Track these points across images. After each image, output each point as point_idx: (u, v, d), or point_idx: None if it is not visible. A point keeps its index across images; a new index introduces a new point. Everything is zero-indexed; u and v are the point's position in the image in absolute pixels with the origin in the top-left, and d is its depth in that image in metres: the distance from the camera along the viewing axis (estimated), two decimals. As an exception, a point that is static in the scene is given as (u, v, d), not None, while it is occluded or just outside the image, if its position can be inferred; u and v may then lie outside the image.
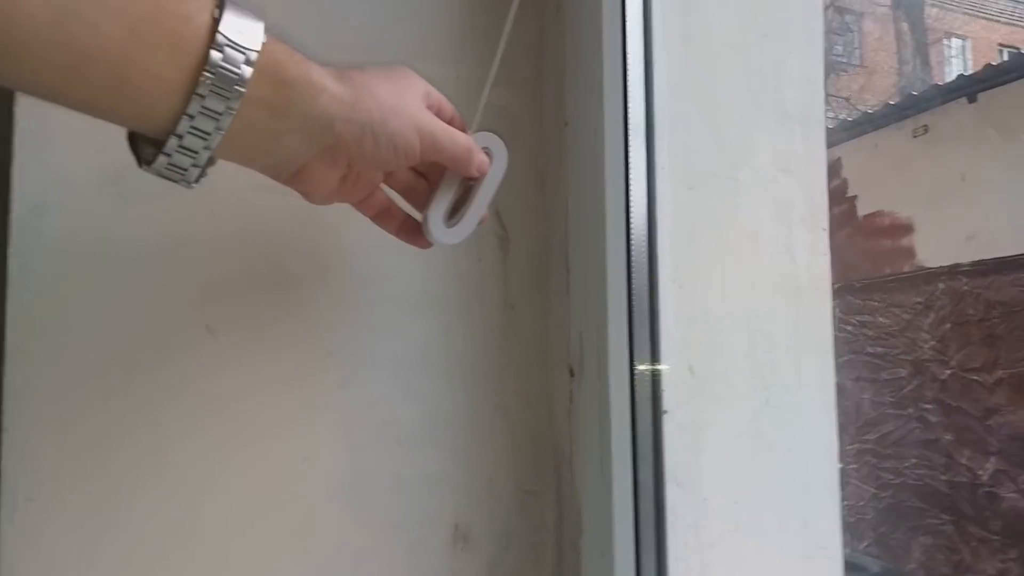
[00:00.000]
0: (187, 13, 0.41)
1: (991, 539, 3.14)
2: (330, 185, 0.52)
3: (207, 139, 0.43)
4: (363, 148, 0.49)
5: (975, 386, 3.25)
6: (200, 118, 0.42)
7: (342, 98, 0.47)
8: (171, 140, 0.42)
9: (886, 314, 3.68)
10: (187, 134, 0.42)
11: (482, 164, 0.57)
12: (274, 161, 0.48)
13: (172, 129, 0.42)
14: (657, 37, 0.68)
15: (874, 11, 12.10)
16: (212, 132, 0.42)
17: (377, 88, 0.49)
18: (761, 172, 0.71)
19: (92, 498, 0.62)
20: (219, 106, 0.42)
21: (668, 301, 0.66)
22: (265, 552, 0.66)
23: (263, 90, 0.43)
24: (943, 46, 12.65)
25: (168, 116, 0.42)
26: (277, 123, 0.45)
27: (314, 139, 0.47)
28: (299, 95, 0.45)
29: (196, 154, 0.43)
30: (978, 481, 3.19)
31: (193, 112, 0.41)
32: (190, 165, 0.44)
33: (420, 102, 0.52)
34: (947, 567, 3.31)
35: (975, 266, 3.35)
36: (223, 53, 0.41)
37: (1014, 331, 3.13)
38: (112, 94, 0.40)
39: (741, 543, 0.67)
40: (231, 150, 0.45)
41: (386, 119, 0.49)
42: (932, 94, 6.13)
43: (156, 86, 0.40)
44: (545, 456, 0.76)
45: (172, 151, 0.43)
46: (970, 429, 3.25)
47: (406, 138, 0.50)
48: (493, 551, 0.73)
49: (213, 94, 0.41)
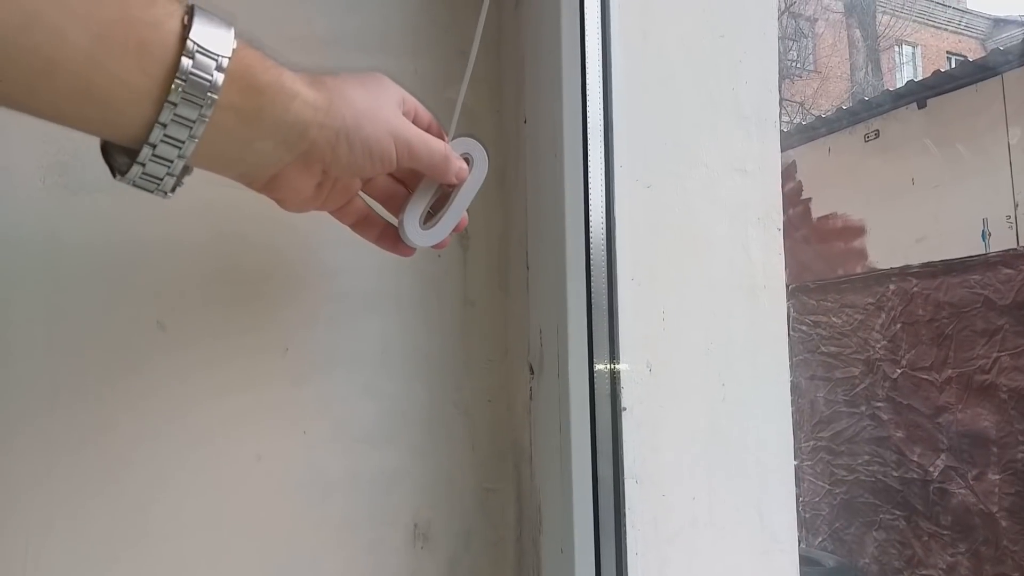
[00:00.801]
0: (155, 19, 0.40)
1: (941, 534, 3.21)
2: (305, 192, 0.51)
3: (181, 147, 0.42)
4: (338, 154, 0.48)
5: (925, 385, 3.32)
6: (173, 126, 0.41)
7: (315, 103, 0.46)
8: (144, 149, 0.42)
9: (839, 314, 3.74)
10: (160, 143, 0.41)
11: (460, 171, 0.56)
12: (248, 168, 0.48)
13: (145, 138, 0.41)
14: (615, 35, 0.68)
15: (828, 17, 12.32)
16: (186, 140, 0.42)
17: (351, 93, 0.49)
18: (717, 171, 0.72)
19: (40, 500, 0.60)
20: (191, 113, 0.41)
21: (627, 299, 0.66)
22: (220, 553, 0.65)
23: (235, 96, 0.42)
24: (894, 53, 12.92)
25: (140, 125, 0.41)
26: (250, 130, 0.44)
27: (288, 145, 0.46)
28: (271, 101, 0.44)
29: (171, 163, 0.43)
30: (929, 477, 3.26)
31: (165, 120, 0.41)
32: (165, 174, 0.43)
33: (395, 108, 0.52)
34: (899, 561, 3.37)
35: (924, 268, 3.42)
36: (194, 59, 0.40)
37: (962, 331, 3.20)
38: (80, 102, 0.39)
39: (698, 538, 0.68)
40: (205, 158, 0.45)
41: (360, 124, 0.48)
42: (883, 99, 6.27)
43: (126, 93, 0.40)
44: (505, 453, 0.76)
45: (146, 160, 0.42)
46: (920, 427, 3.32)
47: (381, 144, 0.50)
48: (453, 549, 0.73)
49: (185, 102, 0.40)
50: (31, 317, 0.61)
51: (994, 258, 3.16)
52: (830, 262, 5.95)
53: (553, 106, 0.68)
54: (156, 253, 0.65)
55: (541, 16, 0.71)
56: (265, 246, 0.68)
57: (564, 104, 0.67)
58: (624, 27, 0.69)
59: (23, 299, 0.61)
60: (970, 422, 3.12)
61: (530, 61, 0.73)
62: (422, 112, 0.56)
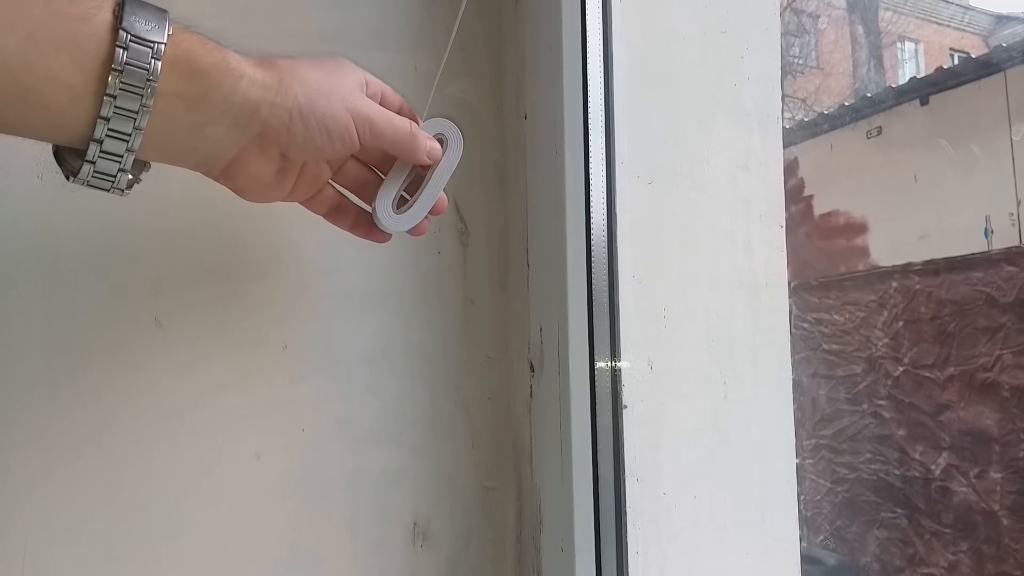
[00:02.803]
0: (83, 14, 0.39)
1: (943, 532, 3.20)
2: (265, 178, 0.50)
3: (128, 140, 0.42)
4: (293, 133, 0.47)
5: (927, 383, 3.31)
6: (116, 119, 0.41)
7: (264, 82, 0.45)
8: (91, 146, 0.41)
9: (841, 312, 3.74)
10: (106, 138, 0.41)
11: (432, 150, 0.55)
12: (202, 156, 0.47)
13: (90, 135, 0.41)
14: (616, 31, 0.67)
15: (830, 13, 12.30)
16: (131, 132, 0.41)
17: (303, 72, 0.48)
18: (719, 168, 0.72)
19: (38, 499, 0.60)
20: (133, 104, 0.40)
21: (628, 296, 0.66)
22: (219, 552, 0.65)
23: (177, 83, 0.42)
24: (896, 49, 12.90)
25: (83, 122, 0.41)
26: (197, 115, 0.44)
27: (240, 127, 0.46)
28: (216, 83, 0.44)
29: (120, 158, 0.42)
30: (931, 475, 3.26)
31: (107, 114, 0.40)
32: (117, 170, 0.43)
33: (354, 87, 0.51)
34: (901, 559, 3.37)
35: (927, 265, 3.41)
36: (128, 49, 0.39)
37: (965, 329, 3.19)
38: (19, 106, 0.39)
39: (700, 537, 0.67)
40: (155, 149, 0.44)
41: (314, 101, 0.47)
42: (886, 96, 6.26)
43: (63, 92, 0.39)
44: (505, 452, 0.75)
45: (95, 158, 0.42)
46: (922, 425, 3.32)
47: (337, 120, 0.49)
48: (453, 548, 0.73)
49: (124, 93, 0.40)
50: (28, 314, 0.61)
51: (997, 256, 3.15)
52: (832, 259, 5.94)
53: (554, 102, 0.68)
54: (154, 250, 0.64)
55: (542, 11, 0.71)
56: (263, 243, 0.68)
57: (565, 100, 0.67)
58: (625, 22, 0.68)
59: (20, 296, 0.61)
60: (972, 420, 3.12)
61: (531, 56, 0.73)
62: (390, 95, 0.55)
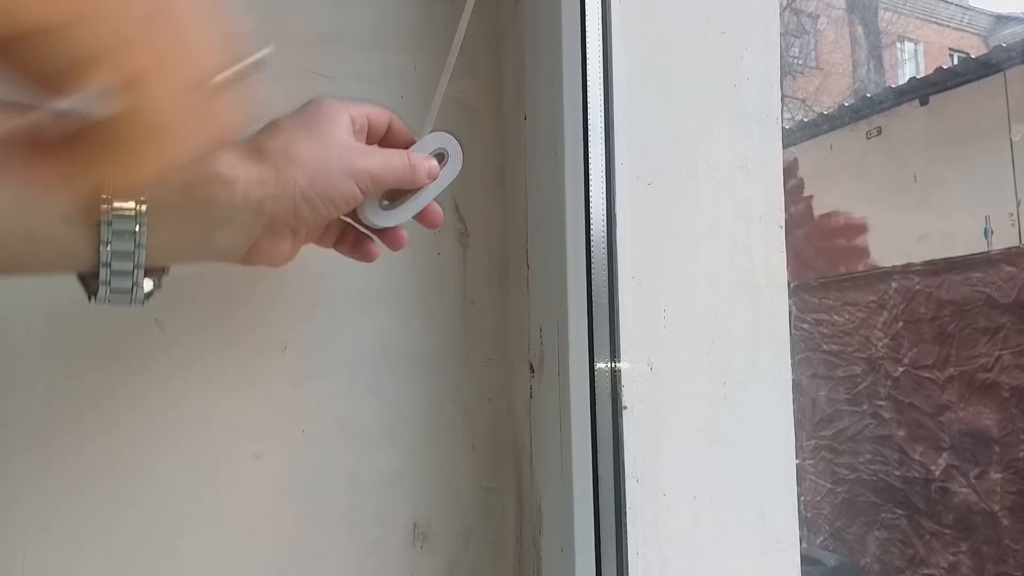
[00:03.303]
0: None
1: (943, 532, 3.20)
2: (284, 251, 0.51)
3: (132, 258, 0.43)
4: (300, 215, 0.48)
5: (927, 383, 3.32)
6: (117, 241, 0.42)
7: (260, 178, 0.46)
8: (102, 270, 0.43)
9: (841, 312, 3.74)
10: (113, 260, 0.43)
11: (431, 170, 0.55)
12: (219, 255, 0.48)
13: (97, 260, 0.43)
14: (616, 31, 0.67)
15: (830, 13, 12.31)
16: (134, 250, 0.43)
17: (296, 150, 0.48)
18: (719, 168, 0.72)
19: (37, 499, 0.60)
20: (130, 226, 0.42)
21: (627, 297, 0.66)
22: (218, 553, 0.65)
23: (170, 197, 0.43)
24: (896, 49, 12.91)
25: (89, 249, 0.42)
26: (201, 224, 0.45)
27: (247, 226, 0.47)
28: (212, 195, 0.44)
29: (130, 274, 0.44)
30: (931, 476, 3.26)
31: (107, 238, 0.42)
32: (131, 285, 0.44)
33: (346, 141, 0.50)
34: (901, 560, 3.37)
35: (927, 265, 3.41)
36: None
37: (964, 330, 3.20)
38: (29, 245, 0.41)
39: (700, 538, 0.67)
40: (168, 257, 0.46)
41: (315, 180, 0.48)
42: (885, 96, 6.26)
43: (65, 227, 0.41)
44: (505, 453, 0.75)
45: (108, 279, 0.43)
46: (922, 425, 3.32)
47: (340, 189, 0.49)
48: (453, 549, 0.73)
49: (118, 218, 0.41)
50: (28, 315, 0.61)
51: (996, 256, 3.15)
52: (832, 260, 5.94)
53: (553, 103, 0.68)
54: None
55: (542, 11, 0.71)
56: (263, 244, 0.68)
57: (564, 101, 0.67)
58: (625, 23, 0.68)
59: (20, 297, 0.61)
60: (972, 421, 3.12)
61: (530, 57, 0.73)
62: (377, 116, 0.55)
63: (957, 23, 13.64)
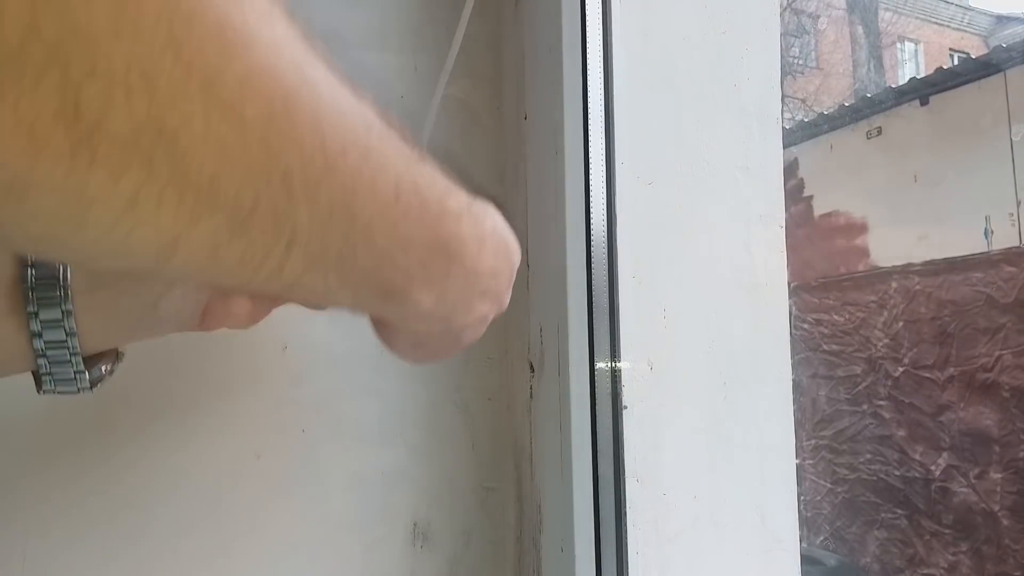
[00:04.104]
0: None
1: (943, 532, 3.21)
2: (243, 310, 0.47)
3: (65, 346, 0.41)
4: None
5: (927, 383, 3.32)
6: (48, 331, 0.40)
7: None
8: (40, 362, 0.41)
9: (841, 312, 3.74)
10: (48, 350, 0.40)
11: None
12: (171, 324, 0.45)
13: (33, 352, 0.41)
14: (616, 31, 0.67)
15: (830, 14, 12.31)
16: (66, 339, 0.40)
17: None
18: (719, 168, 0.72)
19: (37, 500, 0.60)
20: (54, 314, 0.40)
21: (628, 297, 0.66)
22: (219, 553, 0.65)
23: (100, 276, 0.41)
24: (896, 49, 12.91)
25: (21, 343, 0.40)
26: (140, 299, 0.43)
27: (193, 292, 0.44)
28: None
29: (68, 363, 0.41)
30: (930, 476, 3.26)
31: (37, 329, 0.40)
32: (73, 374, 0.42)
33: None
34: (901, 560, 3.37)
35: (927, 265, 3.42)
36: (35, 267, 0.39)
37: (964, 329, 3.20)
38: None
39: (700, 538, 0.67)
40: (109, 339, 0.44)
41: None
42: (885, 96, 6.26)
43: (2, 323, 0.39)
44: (505, 452, 0.75)
45: (49, 370, 0.41)
46: (922, 425, 3.32)
47: None
48: (453, 548, 0.73)
49: (43, 306, 0.39)
50: (28, 315, 0.61)
51: (996, 256, 3.16)
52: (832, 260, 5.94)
53: (554, 102, 0.68)
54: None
55: (542, 11, 0.71)
56: (264, 244, 0.68)
57: (565, 100, 0.67)
58: (625, 23, 0.68)
59: (20, 297, 0.61)
60: (972, 420, 3.12)
61: (530, 57, 0.73)
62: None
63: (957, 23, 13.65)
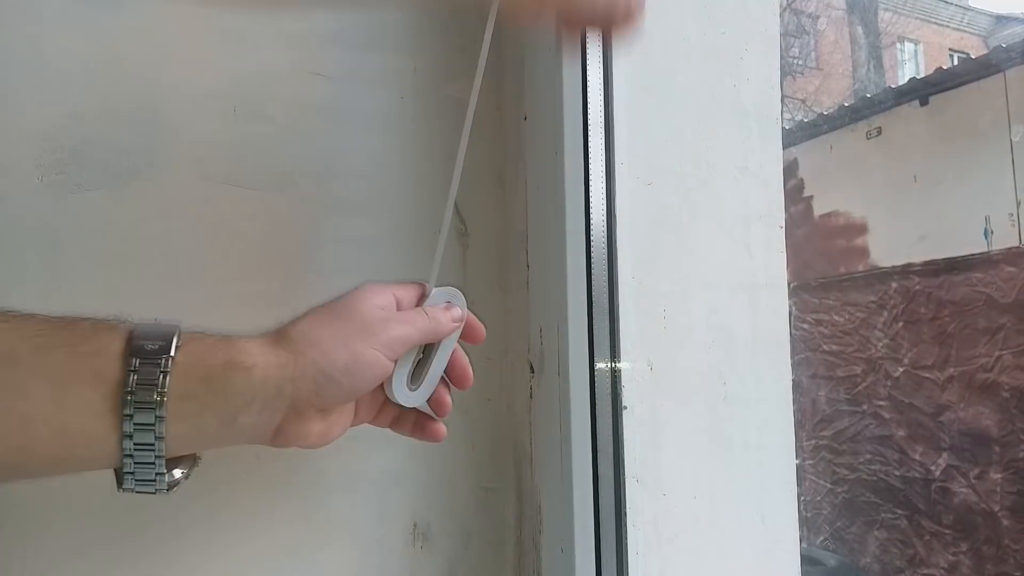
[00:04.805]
0: (97, 348, 0.44)
1: (943, 533, 3.20)
2: (315, 431, 0.51)
3: (153, 449, 0.44)
4: (324, 394, 0.49)
5: (927, 383, 3.32)
6: (139, 434, 0.43)
7: (279, 362, 0.47)
8: (125, 461, 0.44)
9: (841, 312, 3.74)
10: (135, 451, 0.44)
11: (455, 317, 0.56)
12: (246, 438, 0.49)
13: (121, 452, 0.44)
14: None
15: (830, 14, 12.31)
16: (154, 442, 0.44)
17: (316, 332, 0.49)
18: (719, 169, 0.72)
19: (38, 501, 0.60)
20: (148, 418, 0.43)
21: (627, 297, 0.66)
22: (219, 554, 0.65)
23: (192, 388, 0.45)
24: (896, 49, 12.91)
25: (113, 442, 0.43)
26: (222, 411, 0.46)
27: (269, 408, 0.48)
28: (231, 381, 0.46)
29: (152, 464, 0.45)
30: (931, 476, 3.26)
31: (129, 431, 0.43)
32: (154, 475, 0.45)
33: (369, 313, 0.51)
34: (901, 560, 3.37)
35: (927, 266, 3.41)
36: (137, 372, 0.43)
37: (964, 330, 3.20)
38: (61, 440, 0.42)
39: (700, 538, 0.67)
40: (190, 446, 0.47)
41: (333, 359, 0.49)
42: (885, 96, 6.26)
43: (96, 423, 0.43)
44: (505, 453, 0.75)
45: (132, 469, 0.45)
46: (922, 425, 3.32)
47: (363, 362, 0.50)
48: (453, 549, 0.73)
49: (139, 410, 0.43)
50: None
51: (996, 256, 3.15)
52: (832, 260, 5.94)
53: (554, 103, 0.68)
54: (154, 252, 0.64)
55: (541, 12, 0.71)
56: (263, 245, 0.68)
57: (564, 101, 0.67)
58: (625, 23, 0.68)
59: (20, 297, 0.61)
60: (972, 421, 3.12)
61: (530, 59, 0.73)
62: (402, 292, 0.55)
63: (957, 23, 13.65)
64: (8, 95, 0.60)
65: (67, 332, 0.44)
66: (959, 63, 6.47)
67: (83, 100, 0.64)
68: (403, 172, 0.73)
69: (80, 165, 0.63)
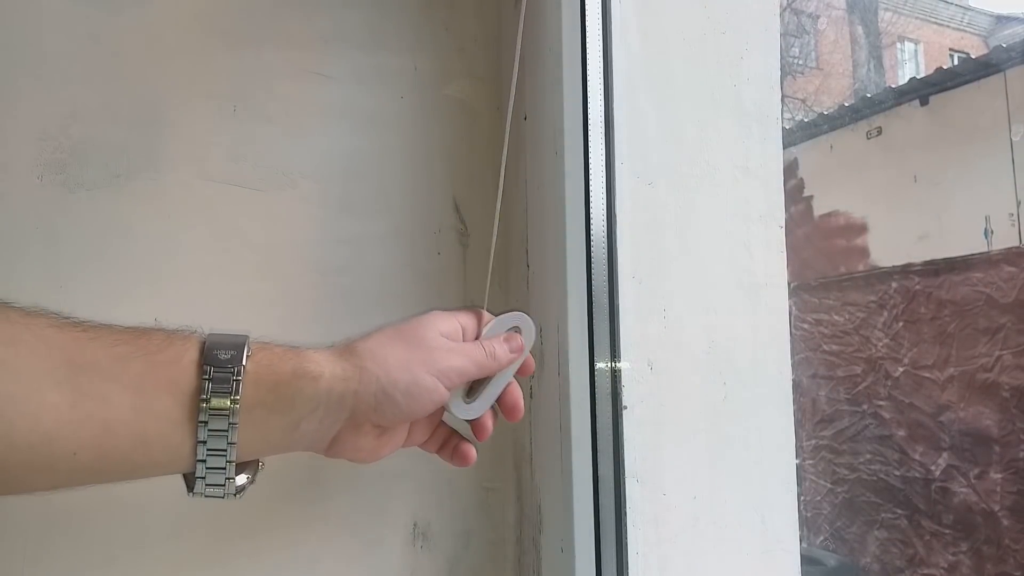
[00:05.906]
0: (173, 357, 0.46)
1: (943, 532, 3.20)
2: (368, 446, 0.54)
3: (225, 454, 0.47)
4: (382, 410, 0.52)
5: (927, 383, 3.31)
6: (212, 439, 0.46)
7: (344, 375, 0.50)
8: (198, 466, 0.47)
9: (841, 312, 3.74)
10: (208, 456, 0.47)
11: (514, 350, 0.58)
12: (305, 445, 0.52)
13: (195, 457, 0.47)
14: (616, 32, 0.67)
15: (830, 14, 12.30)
16: (227, 448, 0.47)
17: (383, 352, 0.52)
18: (719, 169, 0.72)
19: (38, 501, 0.60)
20: (222, 424, 0.46)
21: (627, 297, 0.66)
22: (219, 554, 0.65)
23: (264, 395, 0.48)
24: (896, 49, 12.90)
25: (188, 447, 0.46)
26: (288, 418, 0.49)
27: (331, 418, 0.51)
28: (298, 389, 0.49)
29: (223, 469, 0.48)
30: (930, 476, 3.26)
31: (204, 437, 0.46)
32: (224, 479, 0.48)
33: (435, 341, 0.54)
34: (901, 560, 3.37)
35: (927, 265, 3.41)
36: (212, 380, 0.46)
37: (964, 330, 3.19)
38: (142, 448, 0.45)
39: (700, 538, 0.67)
40: (256, 451, 0.50)
41: (395, 379, 0.51)
42: (886, 96, 6.25)
43: (172, 429, 0.45)
44: (505, 453, 0.75)
45: (204, 474, 0.47)
46: (922, 425, 3.32)
47: (423, 386, 0.52)
48: (453, 549, 0.73)
49: (214, 417, 0.46)
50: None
51: (996, 256, 3.15)
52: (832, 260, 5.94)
53: (554, 103, 0.68)
54: (154, 252, 0.64)
55: (542, 12, 0.71)
56: (264, 244, 0.68)
57: (565, 101, 0.67)
58: (625, 23, 0.68)
59: (20, 297, 0.61)
60: (972, 421, 3.12)
61: (530, 58, 0.73)
62: (465, 317, 0.58)
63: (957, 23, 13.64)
64: (8, 94, 0.60)
65: (144, 341, 0.46)
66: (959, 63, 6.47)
67: (83, 100, 0.64)
68: (403, 172, 0.73)
69: (80, 164, 0.63)
